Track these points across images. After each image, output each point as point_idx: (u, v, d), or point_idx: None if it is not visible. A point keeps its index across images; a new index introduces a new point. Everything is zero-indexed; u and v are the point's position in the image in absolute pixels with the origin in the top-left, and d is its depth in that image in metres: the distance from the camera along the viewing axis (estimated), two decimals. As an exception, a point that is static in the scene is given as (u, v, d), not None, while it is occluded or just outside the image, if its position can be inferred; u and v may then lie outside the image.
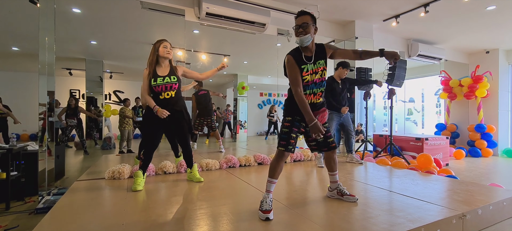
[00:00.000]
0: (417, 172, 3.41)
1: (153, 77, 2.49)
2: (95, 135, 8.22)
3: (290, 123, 2.00)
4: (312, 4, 4.07)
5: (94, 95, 8.25)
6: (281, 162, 1.95)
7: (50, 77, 3.18)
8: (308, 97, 2.00)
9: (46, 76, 3.14)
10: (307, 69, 1.98)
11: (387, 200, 2.26)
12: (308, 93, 2.01)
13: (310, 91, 2.01)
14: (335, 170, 2.21)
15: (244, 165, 3.66)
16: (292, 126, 1.99)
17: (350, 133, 3.98)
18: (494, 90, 6.83)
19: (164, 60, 2.57)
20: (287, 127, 1.99)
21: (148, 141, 2.56)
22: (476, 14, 4.57)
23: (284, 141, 1.96)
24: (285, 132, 1.99)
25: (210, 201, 2.20)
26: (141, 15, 4.36)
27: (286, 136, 1.97)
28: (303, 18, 1.95)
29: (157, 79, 2.49)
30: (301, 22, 1.94)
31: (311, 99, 2.02)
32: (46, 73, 3.14)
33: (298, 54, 1.99)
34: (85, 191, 2.43)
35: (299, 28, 1.95)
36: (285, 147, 1.94)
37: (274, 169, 1.95)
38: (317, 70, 2.01)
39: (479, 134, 6.69)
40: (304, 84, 1.98)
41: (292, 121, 2.00)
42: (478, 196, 2.34)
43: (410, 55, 5.94)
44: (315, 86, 2.02)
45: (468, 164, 5.53)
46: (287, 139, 1.96)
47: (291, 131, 1.98)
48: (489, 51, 6.89)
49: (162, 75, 2.53)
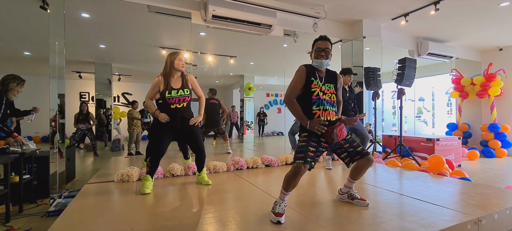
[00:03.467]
0: (429, 174, 3.33)
1: (168, 89, 2.55)
2: (105, 136, 8.37)
3: (307, 137, 1.93)
4: (319, 4, 4.03)
5: (103, 97, 8.39)
6: (297, 177, 1.82)
7: (61, 81, 3.24)
8: (322, 114, 1.94)
9: (56, 79, 3.20)
10: (316, 82, 1.97)
11: (398, 204, 2.21)
12: (322, 109, 1.95)
13: (323, 107, 1.95)
14: (357, 179, 2.12)
15: (252, 167, 3.64)
16: (309, 140, 1.90)
17: (365, 137, 3.87)
18: (508, 89, 6.62)
19: (177, 72, 2.62)
20: (304, 141, 1.91)
21: (156, 149, 2.57)
22: (489, 11, 4.44)
23: (301, 153, 1.84)
24: (302, 145, 1.89)
25: (218, 204, 2.19)
26: (148, 19, 4.40)
27: (303, 149, 1.86)
28: (326, 43, 2.02)
29: (172, 92, 2.55)
30: (324, 46, 2.00)
31: (326, 116, 1.94)
32: (57, 77, 3.20)
33: (311, 68, 2.02)
34: (95, 195, 2.46)
35: (321, 51, 2.00)
36: (304, 159, 1.81)
37: (288, 183, 1.84)
38: (326, 91, 2.00)
39: (493, 134, 6.50)
40: (314, 98, 1.95)
41: (308, 136, 1.93)
42: (494, 200, 2.26)
43: (420, 54, 5.81)
44: (327, 104, 1.97)
45: (481, 165, 5.38)
46: (304, 152, 1.84)
47: (308, 144, 1.88)
48: (502, 48, 6.69)
49: (176, 88, 2.59)
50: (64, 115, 3.38)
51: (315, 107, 1.94)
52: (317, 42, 2.05)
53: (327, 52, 1.99)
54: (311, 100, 1.94)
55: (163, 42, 5.82)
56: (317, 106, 1.94)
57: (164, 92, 2.54)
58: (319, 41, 2.04)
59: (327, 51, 1.99)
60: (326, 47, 2.00)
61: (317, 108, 1.94)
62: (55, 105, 3.23)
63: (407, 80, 4.50)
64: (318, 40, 2.06)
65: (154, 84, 2.58)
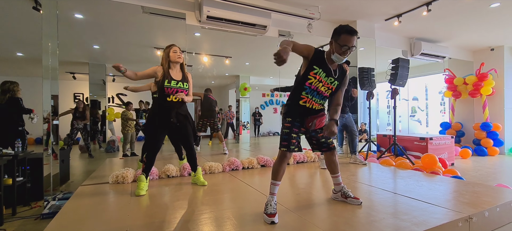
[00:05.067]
0: (422, 173, 3.38)
1: (168, 78, 2.53)
2: (99, 137, 8.30)
3: (290, 124, 2.00)
4: (313, 5, 4.06)
5: (97, 98, 8.32)
6: (283, 163, 1.96)
7: (54, 81, 3.21)
8: (307, 102, 1.99)
9: (49, 80, 3.16)
10: (318, 73, 1.94)
11: (391, 202, 2.24)
12: (309, 97, 1.98)
13: (311, 96, 1.99)
14: (336, 172, 2.20)
15: (247, 167, 3.65)
16: (292, 126, 2.00)
17: (354, 133, 3.97)
18: (499, 88, 6.74)
19: (175, 64, 2.61)
20: (287, 128, 2.00)
21: (151, 144, 2.58)
22: (480, 12, 4.52)
23: (286, 141, 1.97)
24: (286, 132, 1.99)
25: (214, 205, 2.20)
26: (143, 19, 4.38)
27: (287, 137, 1.98)
28: (355, 40, 1.88)
29: (171, 82, 2.54)
30: (352, 44, 1.86)
31: (310, 104, 2.00)
32: (50, 78, 3.16)
33: (321, 56, 1.97)
34: (89, 196, 2.45)
35: (348, 49, 1.87)
36: (287, 147, 1.95)
37: (277, 171, 1.95)
38: (327, 85, 1.99)
39: (485, 133, 6.61)
40: (307, 85, 1.97)
41: (292, 121, 2.01)
42: (485, 198, 2.30)
43: (413, 54, 5.89)
44: (317, 96, 2.00)
45: (474, 163, 5.47)
46: (288, 139, 1.97)
47: (291, 131, 1.98)
48: (494, 48, 6.81)
49: (177, 79, 2.58)
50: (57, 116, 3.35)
51: (304, 93, 1.99)
52: (345, 37, 1.84)
53: (353, 49, 1.89)
54: (304, 86, 1.98)
55: (157, 42, 5.80)
56: (306, 93, 1.98)
57: (163, 81, 2.51)
58: (348, 35, 1.84)
59: (352, 49, 1.89)
60: (354, 45, 1.88)
61: (306, 95, 1.99)
62: (49, 107, 3.20)
63: (400, 80, 4.56)
64: (347, 34, 1.84)
65: (152, 69, 2.54)
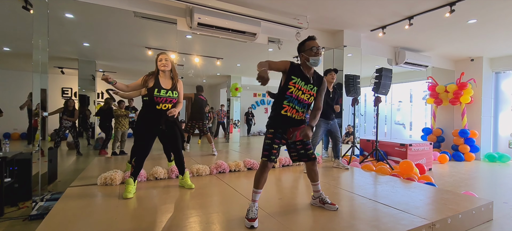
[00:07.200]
0: (399, 179, 3.58)
1: (157, 88, 2.61)
2: (89, 134, 8.23)
3: (272, 134, 2.13)
4: (302, 15, 4.20)
5: (86, 93, 8.23)
6: (264, 172, 2.08)
7: (43, 75, 3.19)
8: (288, 110, 2.11)
9: (39, 74, 3.14)
10: (296, 82, 2.10)
11: (365, 208, 2.41)
12: (290, 106, 2.12)
13: (293, 105, 2.12)
14: (316, 180, 2.35)
15: (234, 170, 3.77)
16: (274, 137, 2.13)
17: (338, 139, 4.14)
18: (477, 97, 7.09)
19: (164, 72, 2.70)
20: (269, 138, 2.13)
21: (140, 149, 2.66)
22: (459, 27, 4.77)
23: (267, 151, 2.10)
24: (267, 143, 2.12)
25: (200, 209, 2.31)
26: (134, 21, 4.41)
27: (268, 147, 2.10)
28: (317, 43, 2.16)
29: (161, 91, 2.62)
30: (318, 45, 2.14)
31: (292, 113, 2.13)
32: (39, 71, 3.15)
33: (297, 66, 2.15)
34: (77, 198, 2.51)
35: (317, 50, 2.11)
36: (268, 157, 2.08)
37: (258, 180, 2.08)
38: (307, 91, 2.14)
39: (463, 139, 6.95)
40: (288, 94, 2.11)
41: (274, 132, 2.14)
42: (450, 205, 2.51)
43: (398, 63, 6.12)
44: (299, 104, 2.14)
45: (451, 168, 5.76)
46: (269, 149, 2.10)
47: (273, 142, 2.11)
48: (473, 59, 7.14)
49: (166, 88, 2.66)
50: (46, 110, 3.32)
51: (286, 102, 2.12)
52: (311, 42, 2.15)
53: (320, 50, 2.13)
54: (285, 96, 2.12)
55: (149, 43, 5.82)
56: (288, 102, 2.12)
57: (152, 90, 2.60)
58: (311, 40, 2.16)
59: (319, 49, 2.13)
60: (319, 46, 2.15)
61: (287, 103, 2.12)
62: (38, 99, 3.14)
63: (383, 89, 4.76)
64: (311, 40, 2.16)
65: (142, 78, 2.65)
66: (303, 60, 2.17)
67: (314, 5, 3.94)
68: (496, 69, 7.23)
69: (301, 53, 2.20)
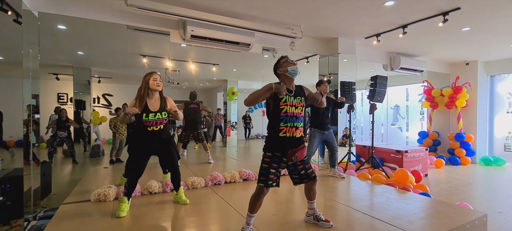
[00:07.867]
0: (394, 188, 3.58)
1: (145, 112, 2.55)
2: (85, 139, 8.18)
3: (269, 158, 2.06)
4: (296, 24, 4.19)
5: (82, 98, 8.18)
6: (260, 199, 2.02)
7: (35, 81, 3.13)
8: (288, 131, 2.05)
9: (30, 79, 3.08)
10: (286, 100, 2.06)
11: (359, 224, 2.40)
12: (289, 126, 2.05)
13: (291, 124, 2.06)
14: (313, 199, 2.31)
15: (230, 182, 3.75)
16: (271, 161, 2.05)
17: (334, 149, 4.12)
18: (473, 101, 7.12)
19: (154, 92, 2.64)
20: (266, 162, 2.05)
21: (134, 170, 2.63)
22: (453, 33, 4.79)
23: (264, 176, 2.02)
24: (264, 167, 2.05)
25: (195, 228, 2.29)
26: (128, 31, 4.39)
27: (265, 172, 2.03)
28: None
29: (149, 115, 2.56)
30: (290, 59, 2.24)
31: (293, 132, 2.06)
32: (30, 77, 3.08)
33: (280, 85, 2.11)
34: (70, 218, 2.48)
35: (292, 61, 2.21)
36: (265, 183, 2.00)
37: (253, 205, 2.02)
38: (297, 104, 2.11)
39: (459, 143, 6.98)
40: (283, 115, 2.06)
41: (271, 157, 2.06)
42: (444, 219, 2.51)
43: (393, 68, 6.14)
44: (297, 120, 2.09)
45: (447, 173, 5.78)
46: (266, 174, 2.02)
47: (270, 166, 2.03)
48: (468, 62, 7.18)
49: (154, 110, 2.60)
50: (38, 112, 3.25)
51: (282, 124, 2.05)
52: (283, 57, 2.23)
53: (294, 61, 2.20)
54: (280, 117, 2.05)
55: (143, 50, 5.80)
56: (284, 123, 2.05)
57: (140, 116, 2.54)
58: (283, 58, 2.22)
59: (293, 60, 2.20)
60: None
61: (285, 125, 2.05)
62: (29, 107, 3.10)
63: (378, 97, 4.77)
64: (281, 58, 2.23)
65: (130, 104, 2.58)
66: (283, 75, 2.15)
67: (308, 16, 3.94)
68: (491, 73, 7.28)
69: (278, 70, 2.20)
